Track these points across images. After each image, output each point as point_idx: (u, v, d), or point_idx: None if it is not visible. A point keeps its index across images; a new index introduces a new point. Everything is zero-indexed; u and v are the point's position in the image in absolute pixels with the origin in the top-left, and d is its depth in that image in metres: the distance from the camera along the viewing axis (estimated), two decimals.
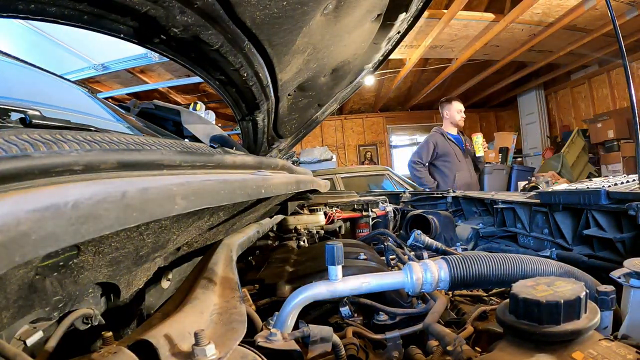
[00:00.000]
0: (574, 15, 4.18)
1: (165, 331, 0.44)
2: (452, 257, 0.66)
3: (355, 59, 1.10)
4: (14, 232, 0.22)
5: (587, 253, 1.01)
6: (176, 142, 0.64)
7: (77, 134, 0.40)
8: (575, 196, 1.05)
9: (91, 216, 0.27)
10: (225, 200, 0.47)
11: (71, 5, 0.54)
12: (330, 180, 4.22)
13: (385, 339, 0.66)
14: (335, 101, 1.51)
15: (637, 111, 1.87)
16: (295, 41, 0.82)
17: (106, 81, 5.28)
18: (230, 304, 0.56)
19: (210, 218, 0.68)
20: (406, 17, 1.04)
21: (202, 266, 0.70)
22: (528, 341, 0.47)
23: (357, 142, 8.89)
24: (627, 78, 1.98)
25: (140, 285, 0.62)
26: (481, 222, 1.53)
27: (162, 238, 0.55)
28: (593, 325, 0.46)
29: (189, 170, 0.53)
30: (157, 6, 0.58)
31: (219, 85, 0.90)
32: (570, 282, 0.50)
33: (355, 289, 0.63)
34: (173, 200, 0.37)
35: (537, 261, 0.67)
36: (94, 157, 0.35)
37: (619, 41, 1.87)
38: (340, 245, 0.62)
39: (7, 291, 0.36)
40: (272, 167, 0.83)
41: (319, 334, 0.58)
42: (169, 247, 0.63)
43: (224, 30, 0.70)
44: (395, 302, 0.82)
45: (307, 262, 1.02)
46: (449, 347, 0.54)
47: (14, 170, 0.28)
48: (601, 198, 0.96)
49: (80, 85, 1.49)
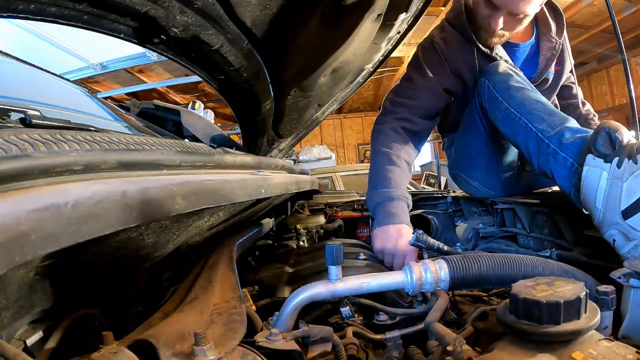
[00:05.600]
0: (572, 11, 4.18)
1: (165, 331, 0.44)
2: (452, 257, 0.66)
3: (355, 59, 1.11)
4: (14, 232, 0.22)
5: (587, 253, 1.01)
6: (176, 142, 0.64)
7: (77, 134, 0.40)
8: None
9: (91, 216, 0.27)
10: (225, 200, 0.47)
11: (71, 5, 0.53)
12: (330, 179, 4.23)
13: (385, 339, 0.66)
14: (336, 101, 1.51)
15: (636, 107, 1.86)
16: (295, 41, 0.82)
17: (105, 81, 5.28)
18: (230, 304, 0.56)
19: (210, 218, 0.68)
20: (406, 17, 1.04)
21: (202, 266, 0.70)
22: (528, 341, 0.47)
23: (357, 141, 8.89)
24: (626, 74, 1.98)
25: (140, 285, 0.62)
26: (481, 222, 1.53)
27: (162, 238, 0.55)
28: (593, 325, 0.46)
29: (189, 170, 0.53)
30: (157, 6, 0.58)
31: (219, 85, 0.90)
32: (570, 282, 0.50)
33: (355, 289, 0.63)
34: (173, 200, 0.37)
35: (537, 261, 0.67)
36: (94, 157, 0.35)
37: (617, 38, 1.86)
38: (340, 245, 0.63)
39: (7, 291, 0.36)
40: (272, 167, 0.83)
41: (319, 334, 0.58)
42: (169, 247, 0.63)
43: (224, 30, 0.70)
44: (396, 302, 0.83)
45: (307, 262, 1.02)
46: (449, 347, 0.54)
47: (14, 170, 0.28)
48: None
49: (79, 85, 1.49)
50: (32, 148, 0.32)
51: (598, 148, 0.86)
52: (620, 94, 6.35)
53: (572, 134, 0.98)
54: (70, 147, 0.36)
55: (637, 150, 0.79)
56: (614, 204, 0.80)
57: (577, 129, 1.00)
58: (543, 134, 1.03)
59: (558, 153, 0.98)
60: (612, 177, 0.81)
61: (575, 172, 0.94)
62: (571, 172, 0.95)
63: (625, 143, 0.83)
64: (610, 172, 0.82)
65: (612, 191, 0.81)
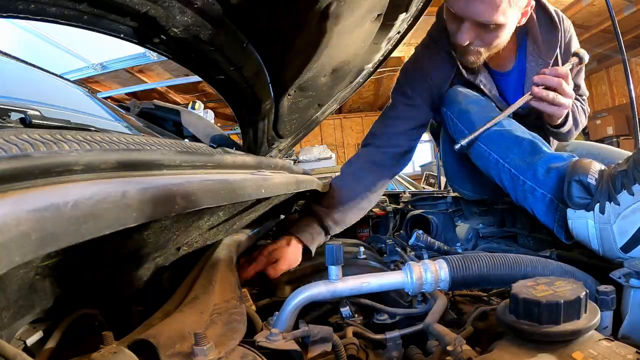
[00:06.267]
0: (572, 11, 4.18)
1: (165, 331, 0.44)
2: (452, 257, 0.66)
3: (355, 59, 1.10)
4: (14, 232, 0.22)
5: (587, 253, 1.01)
6: (176, 142, 0.64)
7: (77, 134, 0.40)
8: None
9: (91, 216, 0.27)
10: (225, 200, 0.47)
11: (71, 5, 0.53)
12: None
13: (385, 339, 0.66)
14: (336, 101, 1.51)
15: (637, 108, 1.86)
16: (296, 41, 0.82)
17: (105, 81, 5.28)
18: (230, 304, 0.56)
19: (210, 218, 0.68)
20: (406, 17, 1.04)
21: (202, 266, 0.70)
22: (528, 341, 0.47)
23: (357, 141, 8.89)
24: (626, 74, 1.98)
25: (140, 286, 0.62)
26: (481, 222, 1.53)
27: (162, 238, 0.55)
28: (593, 325, 0.46)
29: (189, 170, 0.53)
30: (157, 6, 0.58)
31: (219, 85, 0.90)
32: (570, 282, 0.50)
33: (355, 289, 0.63)
34: (173, 200, 0.37)
35: (537, 261, 0.67)
36: (94, 157, 0.35)
37: (617, 38, 1.86)
38: (340, 245, 0.63)
39: (7, 291, 0.36)
40: (272, 167, 0.83)
41: (319, 334, 0.58)
42: (169, 247, 0.63)
43: (224, 30, 0.70)
44: (396, 302, 0.83)
45: (306, 262, 1.02)
46: (449, 347, 0.54)
47: (14, 170, 0.27)
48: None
49: (79, 85, 1.49)
50: (32, 148, 0.32)
51: (576, 202, 0.82)
52: (620, 94, 6.36)
53: (544, 168, 0.91)
54: (70, 147, 0.36)
55: (614, 187, 0.76)
56: (610, 245, 0.79)
57: (548, 158, 0.92)
58: (517, 170, 0.96)
59: (535, 189, 0.93)
60: (599, 224, 0.79)
61: (556, 209, 0.90)
62: (551, 208, 0.91)
63: (600, 181, 0.79)
64: (595, 220, 0.80)
65: (604, 235, 0.79)
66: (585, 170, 0.82)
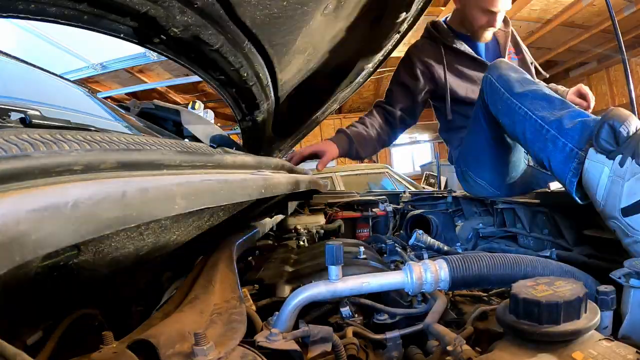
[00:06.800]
0: (572, 11, 4.18)
1: (165, 331, 0.44)
2: (452, 257, 0.66)
3: (355, 59, 1.11)
4: (14, 232, 0.22)
5: (587, 253, 1.01)
6: (176, 142, 0.64)
7: (77, 134, 0.40)
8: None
9: (91, 216, 0.27)
10: (225, 200, 0.47)
11: (71, 5, 0.53)
12: (330, 178, 4.22)
13: (385, 339, 0.66)
14: (335, 101, 1.51)
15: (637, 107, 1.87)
16: (296, 41, 0.82)
17: (105, 81, 5.27)
18: (230, 304, 0.56)
19: (210, 218, 0.68)
20: (407, 17, 1.04)
21: (202, 266, 0.70)
22: (528, 341, 0.47)
23: None
24: (626, 74, 1.98)
25: (140, 286, 0.62)
26: (481, 222, 1.53)
27: (162, 238, 0.55)
28: (593, 325, 0.46)
29: (189, 170, 0.53)
30: (157, 6, 0.58)
31: (219, 85, 0.90)
32: (570, 282, 0.50)
33: (355, 289, 0.63)
34: (173, 200, 0.37)
35: (537, 261, 0.67)
36: (94, 157, 0.35)
37: (617, 38, 1.86)
38: (340, 245, 0.62)
39: (7, 291, 0.36)
40: (272, 167, 0.83)
41: (319, 334, 0.58)
42: (169, 247, 0.63)
43: (224, 30, 0.70)
44: (396, 302, 0.83)
45: (307, 262, 1.02)
46: (449, 347, 0.54)
47: (14, 170, 0.27)
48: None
49: (79, 85, 1.49)
50: (32, 148, 0.32)
51: (601, 144, 0.83)
52: (620, 94, 6.35)
53: (571, 119, 0.95)
54: (70, 147, 0.36)
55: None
56: (614, 200, 0.80)
57: (578, 113, 0.97)
58: (543, 120, 1.01)
59: (557, 138, 0.96)
60: (613, 175, 0.80)
61: (575, 157, 0.91)
62: (570, 157, 0.93)
63: (632, 135, 0.80)
64: (612, 169, 0.81)
65: (612, 189, 0.80)
66: (621, 119, 0.82)
